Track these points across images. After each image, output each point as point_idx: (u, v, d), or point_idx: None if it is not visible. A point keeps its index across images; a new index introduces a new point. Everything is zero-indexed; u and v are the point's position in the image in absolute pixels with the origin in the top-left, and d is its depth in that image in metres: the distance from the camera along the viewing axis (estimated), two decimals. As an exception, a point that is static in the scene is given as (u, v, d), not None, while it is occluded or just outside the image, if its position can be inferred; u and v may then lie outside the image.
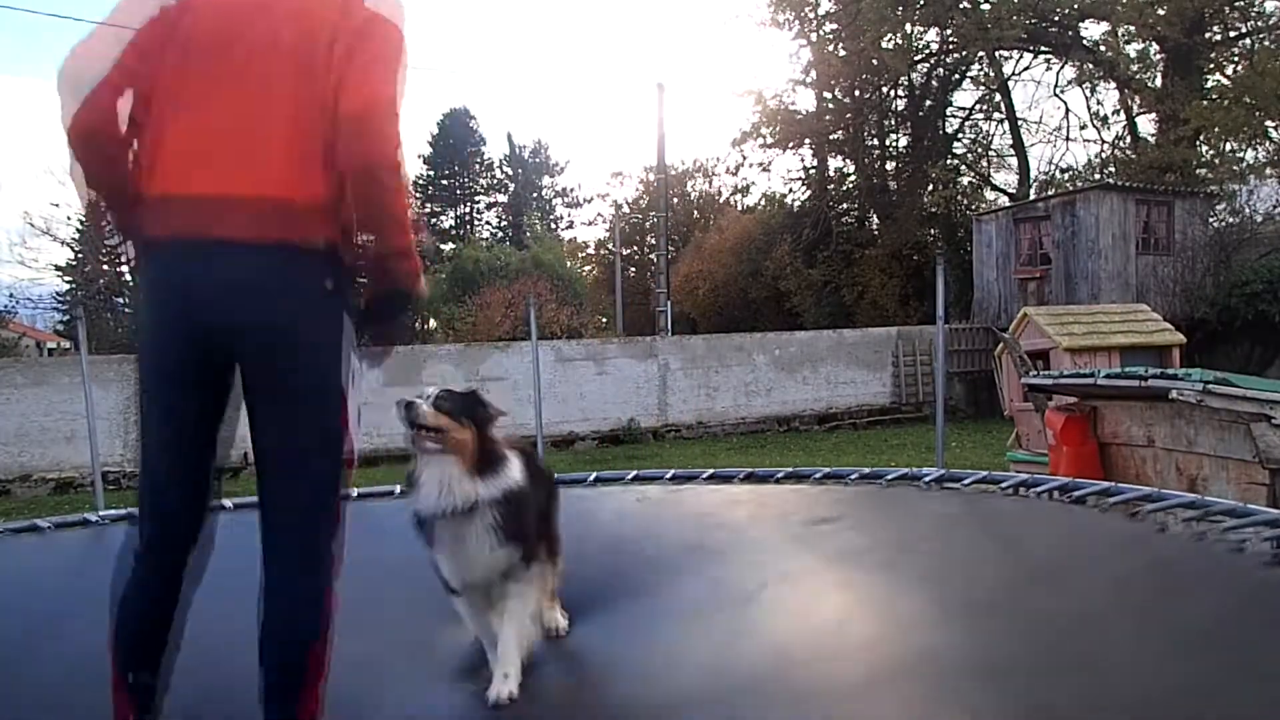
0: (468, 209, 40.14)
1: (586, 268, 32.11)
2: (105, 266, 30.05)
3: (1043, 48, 21.27)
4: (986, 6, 19.65)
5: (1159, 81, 19.63)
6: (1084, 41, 20.42)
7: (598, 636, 2.18)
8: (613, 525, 3.03)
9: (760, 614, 2.14)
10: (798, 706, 1.48)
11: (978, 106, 23.61)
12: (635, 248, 32.47)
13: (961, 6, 20.05)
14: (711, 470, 3.67)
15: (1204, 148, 19.01)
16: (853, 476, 3.39)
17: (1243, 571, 2.00)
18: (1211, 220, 17.13)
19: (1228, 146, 18.71)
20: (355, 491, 4.30)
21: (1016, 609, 1.91)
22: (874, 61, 21.03)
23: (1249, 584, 1.94)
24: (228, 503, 3.79)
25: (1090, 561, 2.27)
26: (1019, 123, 22.46)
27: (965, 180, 23.16)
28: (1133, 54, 19.88)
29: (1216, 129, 17.76)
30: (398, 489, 3.95)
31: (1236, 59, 19.18)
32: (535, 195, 40.72)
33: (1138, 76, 19.82)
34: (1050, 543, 2.50)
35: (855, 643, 1.83)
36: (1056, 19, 20.11)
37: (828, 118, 23.04)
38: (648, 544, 2.76)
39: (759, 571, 2.28)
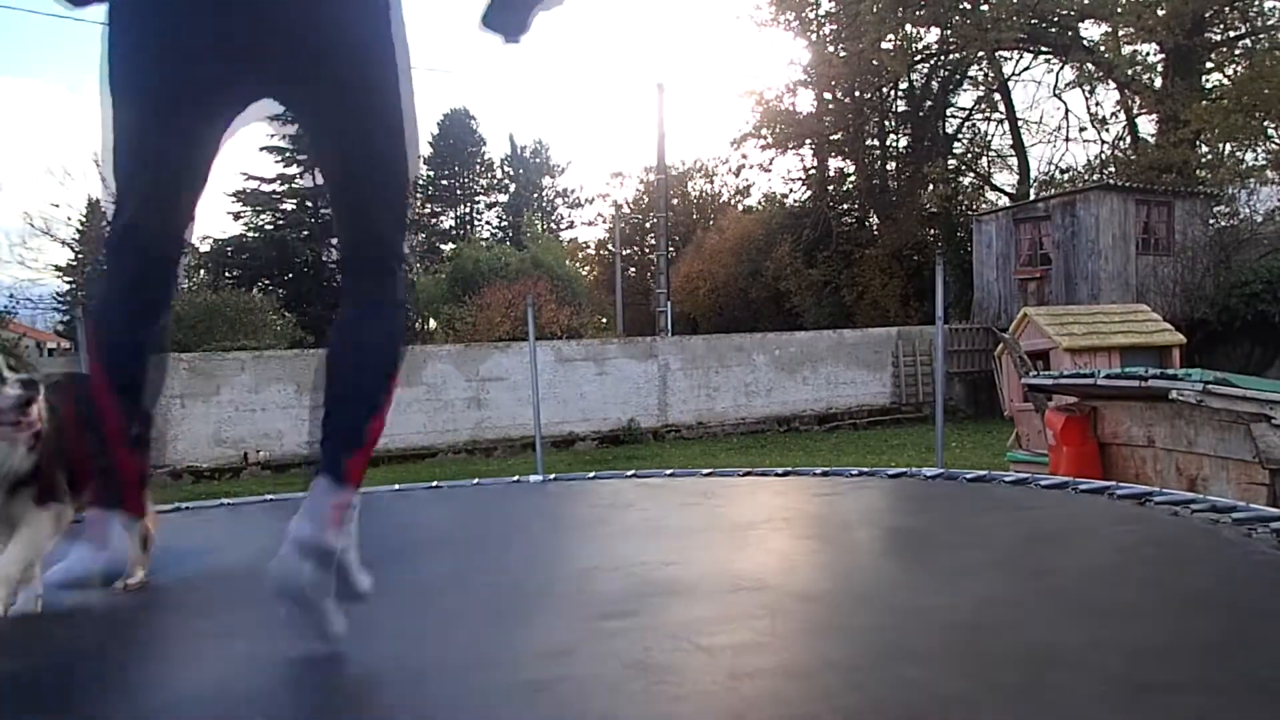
0: (468, 209, 40.17)
1: (586, 268, 32.13)
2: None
3: (1042, 48, 21.29)
4: (985, 7, 19.67)
5: (1159, 82, 19.65)
6: (1084, 42, 20.44)
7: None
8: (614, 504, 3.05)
9: (752, 542, 2.15)
10: (787, 638, 1.49)
11: (977, 107, 23.66)
12: (635, 248, 32.50)
13: (961, 7, 20.06)
14: (710, 470, 3.68)
15: (1204, 148, 19.03)
16: (852, 473, 3.40)
17: (1252, 551, 2.00)
18: (1211, 221, 17.15)
19: (1227, 148, 18.73)
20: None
21: (1020, 559, 1.93)
22: (874, 62, 21.05)
23: (1258, 561, 1.95)
24: (227, 501, 3.80)
25: (1098, 533, 2.29)
26: (1019, 123, 22.50)
27: (965, 180, 23.20)
28: (1132, 55, 19.90)
29: (1216, 131, 17.78)
30: (396, 487, 3.96)
31: (1238, 59, 19.20)
32: (536, 195, 40.75)
33: (1137, 78, 19.84)
34: (1058, 516, 2.51)
35: (844, 593, 1.85)
36: (1056, 20, 20.13)
37: (828, 118, 23.07)
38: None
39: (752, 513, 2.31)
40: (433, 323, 25.62)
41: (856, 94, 22.97)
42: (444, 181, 39.21)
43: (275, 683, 1.45)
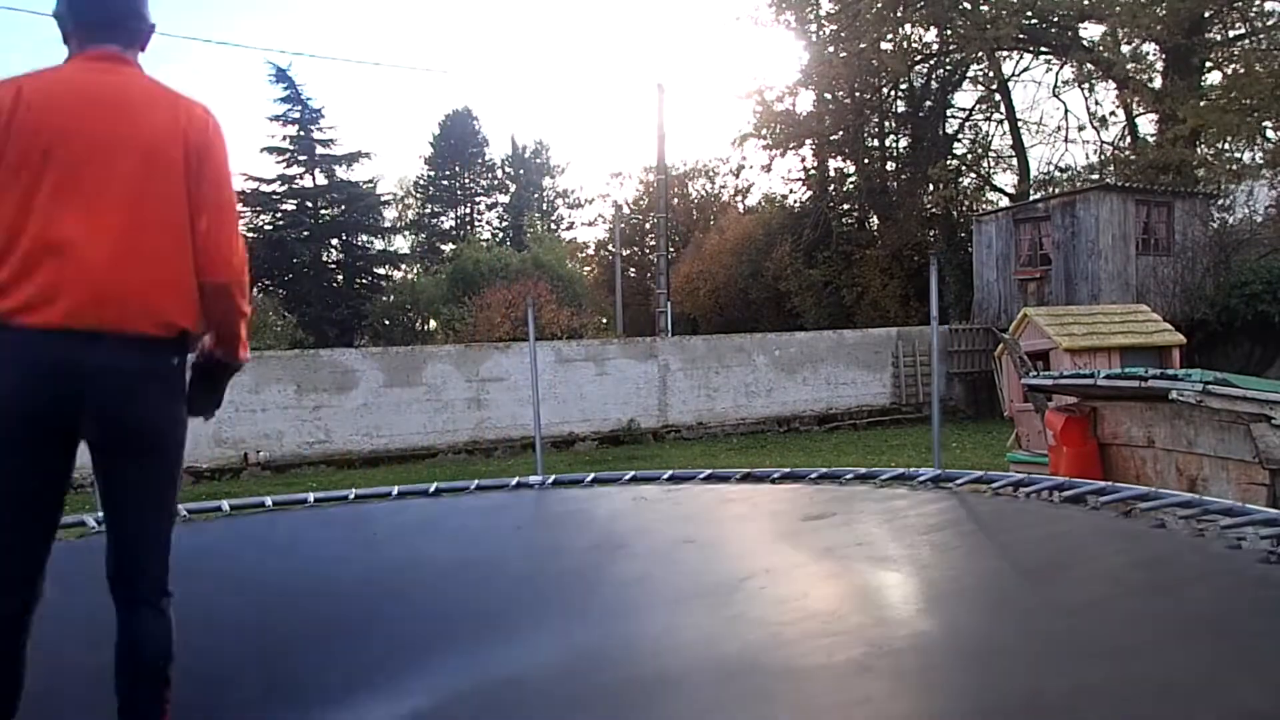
0: (468, 209, 40.15)
1: (586, 268, 32.10)
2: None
3: (1042, 48, 21.26)
4: (985, 7, 19.64)
5: (1158, 82, 19.62)
6: (1083, 42, 20.41)
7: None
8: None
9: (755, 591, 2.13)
10: (787, 685, 1.48)
11: (977, 107, 23.62)
12: (635, 248, 32.44)
13: (961, 7, 20.04)
14: (710, 470, 3.68)
15: (1202, 148, 19.00)
16: (848, 476, 3.40)
17: (1239, 568, 1.99)
18: (1211, 221, 17.12)
19: (1224, 148, 18.68)
20: (353, 493, 4.31)
21: (1007, 598, 1.91)
22: (874, 62, 21.03)
23: (1246, 579, 1.94)
24: (224, 505, 3.80)
25: (1085, 556, 2.27)
26: (1019, 123, 22.46)
27: (966, 181, 23.16)
28: (1131, 54, 19.85)
29: (1213, 130, 17.74)
30: (395, 490, 3.95)
31: (1236, 59, 19.16)
32: (536, 196, 40.74)
33: (1136, 76, 19.80)
34: (1046, 537, 2.49)
35: (846, 624, 1.83)
36: (1055, 20, 20.10)
37: (828, 119, 23.03)
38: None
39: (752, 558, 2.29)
40: (433, 323, 25.62)
41: (856, 94, 22.93)
42: (444, 182, 39.19)
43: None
